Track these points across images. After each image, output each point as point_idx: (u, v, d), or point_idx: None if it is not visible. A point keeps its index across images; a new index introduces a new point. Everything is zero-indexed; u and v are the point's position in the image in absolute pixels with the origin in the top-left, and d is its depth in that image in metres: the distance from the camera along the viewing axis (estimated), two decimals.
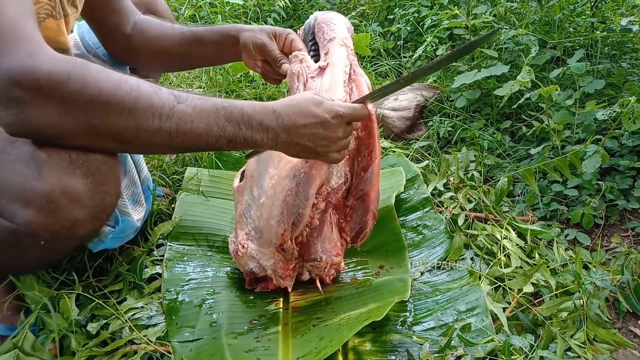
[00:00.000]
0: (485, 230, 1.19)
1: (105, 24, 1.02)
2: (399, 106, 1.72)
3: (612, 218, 1.29)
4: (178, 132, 0.66)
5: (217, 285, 1.03)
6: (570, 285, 1.02)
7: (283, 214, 0.87)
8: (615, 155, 1.38)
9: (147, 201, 1.08)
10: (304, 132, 0.75)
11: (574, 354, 0.90)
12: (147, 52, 1.05)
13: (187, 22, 2.34)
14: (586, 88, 1.44)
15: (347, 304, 0.95)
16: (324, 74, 0.91)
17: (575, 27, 1.88)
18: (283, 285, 0.97)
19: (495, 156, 1.52)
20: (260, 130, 0.72)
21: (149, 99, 0.65)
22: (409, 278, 1.00)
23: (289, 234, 0.88)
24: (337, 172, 0.90)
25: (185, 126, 0.67)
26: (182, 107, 0.67)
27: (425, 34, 1.96)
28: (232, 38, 0.99)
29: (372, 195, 0.94)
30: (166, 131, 0.66)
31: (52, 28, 0.82)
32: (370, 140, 0.91)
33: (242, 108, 0.71)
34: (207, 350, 0.86)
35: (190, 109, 0.67)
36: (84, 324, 0.93)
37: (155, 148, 0.69)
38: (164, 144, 0.67)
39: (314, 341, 0.85)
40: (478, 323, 0.93)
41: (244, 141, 0.72)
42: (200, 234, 1.15)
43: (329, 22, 0.95)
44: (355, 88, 0.93)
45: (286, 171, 0.87)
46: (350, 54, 0.94)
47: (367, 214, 0.95)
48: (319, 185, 0.86)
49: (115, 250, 1.08)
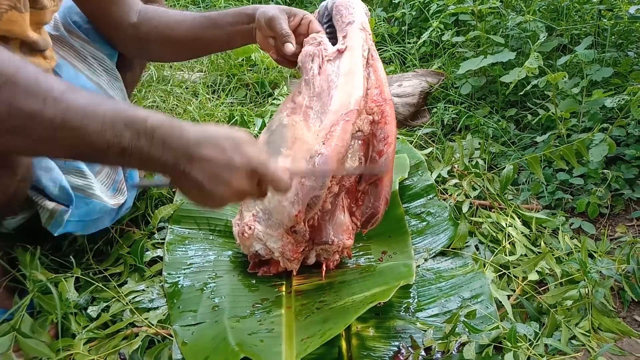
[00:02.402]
0: (489, 218, 1.18)
1: (109, 16, 0.99)
2: (403, 92, 1.70)
3: (617, 207, 1.28)
4: (64, 124, 0.53)
5: (219, 269, 1.02)
6: (575, 273, 1.01)
7: (298, 195, 0.86)
8: (621, 145, 1.37)
9: (130, 190, 1.01)
10: (205, 167, 0.62)
11: (579, 342, 0.89)
12: (157, 41, 1.01)
13: (189, 7, 2.30)
14: (594, 76, 1.42)
15: (351, 288, 0.94)
16: (342, 57, 0.90)
17: (582, 14, 1.85)
18: (290, 267, 0.96)
19: (500, 144, 1.51)
20: (161, 148, 0.59)
21: (35, 75, 0.54)
22: (413, 263, 0.99)
23: (303, 216, 0.87)
24: (352, 156, 0.89)
25: (74, 119, 0.54)
26: (76, 97, 0.55)
27: (431, 19, 1.93)
28: (248, 17, 0.96)
29: (386, 181, 0.94)
30: (48, 119, 0.53)
31: (16, 21, 0.77)
32: (387, 126, 0.90)
33: (148, 117, 0.59)
34: (209, 334, 0.86)
35: (85, 101, 0.55)
36: (85, 306, 0.92)
37: (29, 139, 0.54)
38: (42, 136, 0.54)
39: (318, 324, 0.84)
40: (482, 310, 0.92)
41: (138, 156, 0.58)
42: (202, 217, 1.14)
43: (348, 6, 0.94)
44: (372, 73, 0.92)
45: (302, 152, 0.86)
46: (369, 39, 0.93)
47: (379, 200, 0.94)
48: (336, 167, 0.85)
49: (116, 232, 1.07)
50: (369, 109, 0.90)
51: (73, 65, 0.98)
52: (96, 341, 0.87)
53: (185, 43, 1.01)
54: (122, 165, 0.67)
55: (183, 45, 1.02)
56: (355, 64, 0.88)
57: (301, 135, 0.88)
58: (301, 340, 0.81)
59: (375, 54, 0.94)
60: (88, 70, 1.00)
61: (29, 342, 0.80)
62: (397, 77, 1.77)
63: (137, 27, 1.01)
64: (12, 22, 0.76)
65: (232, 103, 1.72)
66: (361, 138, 0.91)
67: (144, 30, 1.01)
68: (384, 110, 0.90)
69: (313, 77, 0.91)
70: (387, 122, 0.90)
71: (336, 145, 0.84)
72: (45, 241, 1.02)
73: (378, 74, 0.91)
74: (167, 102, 1.63)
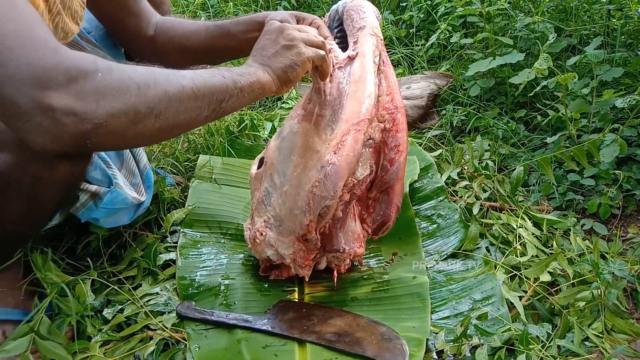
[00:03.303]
0: (500, 220, 1.18)
1: (127, 27, 1.05)
2: (411, 95, 1.70)
3: (629, 208, 1.27)
4: (198, 89, 0.71)
5: (231, 272, 1.03)
6: (587, 274, 1.01)
7: (309, 204, 0.85)
8: (633, 145, 1.36)
9: (149, 191, 1.06)
10: (273, 52, 0.82)
11: (592, 344, 0.89)
12: (175, 51, 1.07)
13: (198, 12, 2.33)
14: (604, 76, 1.41)
15: (362, 311, 0.94)
16: (354, 63, 0.90)
17: (591, 14, 1.84)
18: (302, 274, 0.96)
19: (510, 145, 1.51)
20: (252, 72, 0.79)
21: (162, 69, 0.70)
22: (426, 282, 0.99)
23: (314, 225, 0.87)
24: (363, 164, 0.89)
25: (204, 82, 0.72)
26: (193, 70, 0.73)
27: (439, 21, 1.93)
28: (259, 24, 0.99)
29: (397, 188, 0.94)
30: (189, 89, 0.70)
31: None
32: (398, 134, 0.90)
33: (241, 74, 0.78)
34: (222, 341, 0.86)
35: (200, 71, 0.74)
36: (100, 309, 0.93)
37: (187, 112, 0.72)
38: (191, 105, 0.71)
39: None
40: (494, 312, 0.92)
41: (248, 85, 0.77)
42: (214, 221, 1.15)
43: (359, 10, 0.93)
44: (384, 79, 0.91)
45: (313, 161, 0.86)
46: (380, 44, 0.92)
47: (390, 207, 0.94)
48: (347, 176, 0.85)
49: (130, 236, 1.08)
50: (380, 116, 0.90)
51: None
52: (111, 344, 0.88)
53: (201, 52, 1.06)
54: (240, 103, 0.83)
55: (198, 54, 1.06)
56: (366, 71, 0.88)
57: (312, 144, 0.88)
58: None
59: (387, 59, 0.93)
60: None
61: (46, 344, 0.82)
62: (406, 80, 1.77)
63: (154, 39, 1.06)
64: None
65: None
66: (372, 146, 0.91)
67: (160, 42, 1.06)
68: (395, 117, 0.90)
69: (324, 84, 0.91)
70: (399, 130, 0.90)
71: (347, 155, 0.84)
72: (60, 244, 1.04)
73: (389, 80, 0.91)
74: None
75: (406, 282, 1.01)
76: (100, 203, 0.91)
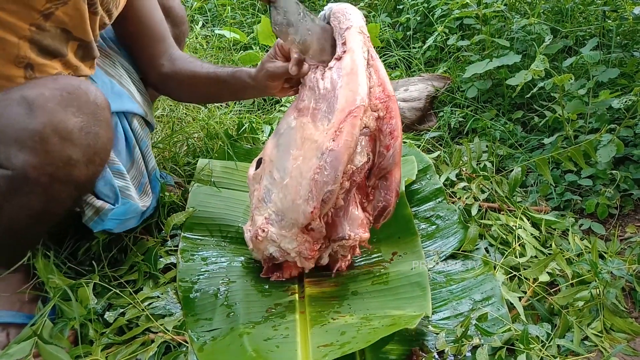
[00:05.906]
0: (499, 220, 1.19)
1: (144, 53, 1.09)
2: (409, 97, 1.71)
3: (627, 208, 1.28)
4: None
5: (231, 275, 1.03)
6: (586, 274, 1.01)
7: (312, 192, 0.88)
8: (629, 145, 1.37)
9: (155, 192, 1.10)
10: None
11: (591, 343, 0.89)
12: (179, 86, 1.12)
13: (195, 17, 2.33)
14: (600, 77, 1.42)
15: (363, 303, 0.95)
16: (344, 58, 0.93)
17: (587, 16, 1.86)
18: (307, 267, 0.98)
19: (508, 146, 1.51)
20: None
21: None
22: (425, 272, 1.00)
23: (318, 212, 0.89)
24: (361, 151, 0.92)
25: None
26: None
27: (436, 23, 1.94)
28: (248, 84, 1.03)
29: (395, 173, 0.96)
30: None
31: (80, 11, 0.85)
32: (392, 120, 0.93)
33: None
34: (225, 341, 0.87)
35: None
36: (101, 313, 0.93)
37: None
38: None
39: (335, 334, 0.85)
40: (494, 312, 0.93)
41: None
42: (214, 224, 1.15)
43: (345, 12, 0.97)
44: (373, 72, 0.94)
45: (312, 151, 0.89)
46: (367, 41, 0.95)
47: (390, 192, 0.96)
48: (347, 161, 0.87)
49: (130, 240, 1.08)
50: (374, 106, 0.93)
51: (105, 72, 1.03)
52: (113, 347, 0.88)
53: (201, 93, 1.14)
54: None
55: (199, 94, 1.15)
56: (357, 64, 0.91)
57: (310, 136, 0.90)
58: (317, 347, 0.82)
59: (375, 54, 0.97)
60: (120, 77, 1.06)
61: (48, 348, 0.82)
62: (403, 82, 1.78)
63: (164, 73, 1.10)
64: (77, 9, 0.83)
65: (241, 111, 1.75)
66: (368, 134, 0.93)
67: (168, 76, 1.10)
68: (388, 105, 0.93)
69: (317, 81, 0.94)
70: (392, 116, 0.93)
71: (346, 140, 0.87)
72: (60, 249, 1.04)
73: (379, 73, 0.94)
74: (176, 111, 1.65)
75: (405, 273, 1.02)
76: (105, 218, 0.93)
